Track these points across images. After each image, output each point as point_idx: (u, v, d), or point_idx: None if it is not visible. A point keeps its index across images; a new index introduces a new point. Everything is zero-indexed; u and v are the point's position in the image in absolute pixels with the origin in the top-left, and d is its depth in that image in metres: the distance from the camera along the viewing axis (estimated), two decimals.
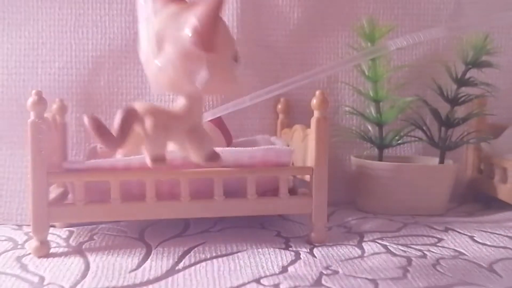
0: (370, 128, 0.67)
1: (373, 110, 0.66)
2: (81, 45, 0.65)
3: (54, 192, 0.55)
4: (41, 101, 0.46)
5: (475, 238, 0.53)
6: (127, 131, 0.40)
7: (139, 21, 0.41)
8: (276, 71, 0.70)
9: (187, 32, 0.38)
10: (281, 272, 0.43)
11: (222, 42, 0.39)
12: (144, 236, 0.54)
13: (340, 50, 0.71)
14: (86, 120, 0.39)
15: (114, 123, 0.39)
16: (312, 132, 0.50)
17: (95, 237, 0.53)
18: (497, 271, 0.43)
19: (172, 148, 0.45)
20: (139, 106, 0.41)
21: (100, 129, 0.39)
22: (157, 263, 0.45)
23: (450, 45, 0.72)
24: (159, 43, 0.39)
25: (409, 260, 0.46)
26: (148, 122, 0.40)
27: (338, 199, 0.69)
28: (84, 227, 0.56)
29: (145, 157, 0.41)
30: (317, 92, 0.50)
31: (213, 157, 0.43)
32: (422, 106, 0.68)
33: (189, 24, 0.38)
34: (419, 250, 0.49)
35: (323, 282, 0.41)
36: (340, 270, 0.44)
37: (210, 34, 0.38)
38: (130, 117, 0.40)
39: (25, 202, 0.60)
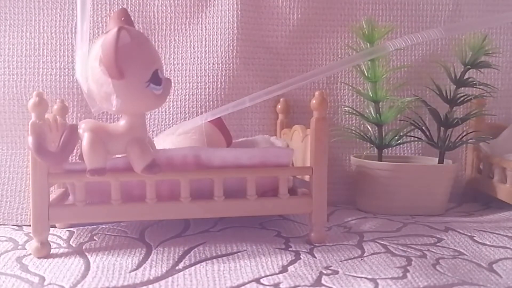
0: (369, 128, 0.68)
1: (372, 110, 0.66)
2: None
3: (54, 192, 0.55)
4: (42, 102, 0.46)
5: (474, 238, 0.53)
6: (70, 148, 0.46)
7: (76, 50, 0.46)
8: (276, 71, 0.70)
9: (96, 63, 0.43)
10: (281, 272, 0.43)
11: (131, 68, 0.43)
12: (144, 236, 0.54)
13: (340, 51, 0.71)
14: (29, 140, 0.44)
15: (59, 141, 0.45)
16: (311, 132, 0.51)
17: (95, 237, 0.53)
18: (497, 271, 0.44)
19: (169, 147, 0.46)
20: (83, 123, 0.46)
21: (40, 148, 0.44)
22: (157, 263, 0.46)
23: (449, 46, 0.72)
24: (86, 71, 0.45)
25: (409, 260, 0.46)
26: (86, 139, 0.45)
27: (338, 199, 0.69)
28: (85, 228, 0.57)
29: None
30: (317, 93, 0.51)
31: (150, 169, 0.46)
32: (421, 106, 0.68)
33: (97, 54, 0.43)
34: (419, 250, 0.49)
35: (323, 281, 0.41)
36: (340, 270, 0.44)
37: (113, 64, 0.42)
38: (73, 135, 0.46)
39: (26, 202, 0.60)
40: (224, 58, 0.66)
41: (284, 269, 0.44)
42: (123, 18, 0.45)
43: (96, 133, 0.45)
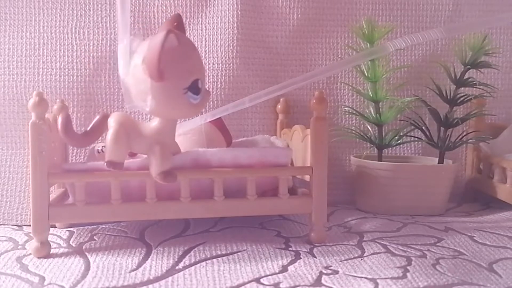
0: (369, 128, 0.68)
1: (372, 110, 0.66)
2: (82, 45, 0.65)
3: (54, 192, 0.55)
4: (42, 102, 0.46)
5: (475, 238, 0.53)
6: (96, 134, 0.47)
7: (118, 43, 0.46)
8: (275, 71, 0.70)
9: (139, 60, 0.43)
10: (281, 272, 0.43)
11: (172, 72, 0.43)
12: (144, 236, 0.54)
13: (340, 51, 0.71)
14: (59, 119, 0.46)
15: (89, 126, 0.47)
16: (311, 132, 0.51)
17: (95, 237, 0.53)
18: (497, 271, 0.44)
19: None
20: (115, 115, 0.46)
21: (67, 128, 0.46)
22: (158, 262, 0.46)
23: (449, 46, 0.72)
24: (128, 65, 0.45)
25: (409, 260, 0.46)
26: (112, 130, 0.45)
27: (338, 199, 0.69)
28: (85, 228, 0.57)
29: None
30: (316, 93, 0.51)
31: (165, 176, 0.46)
32: (421, 106, 0.68)
33: (142, 53, 0.43)
34: (419, 250, 0.49)
35: (323, 281, 0.41)
36: (340, 270, 0.44)
37: (156, 64, 0.42)
38: (102, 123, 0.46)
39: (26, 202, 0.60)
40: (224, 58, 0.67)
41: (284, 269, 0.44)
42: (175, 23, 0.45)
43: (123, 127, 0.45)
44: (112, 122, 0.46)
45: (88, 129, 0.47)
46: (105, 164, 0.46)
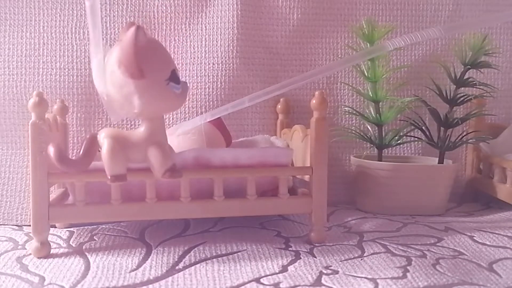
0: (369, 128, 0.68)
1: (372, 110, 0.66)
2: (82, 46, 0.65)
3: (54, 192, 0.55)
4: (42, 102, 0.46)
5: (474, 238, 0.53)
6: (91, 156, 0.46)
7: (91, 59, 0.45)
8: (275, 71, 0.70)
9: (115, 66, 0.43)
10: (281, 272, 0.43)
11: (150, 67, 0.43)
12: (144, 236, 0.54)
13: (340, 51, 0.71)
14: (50, 149, 0.45)
15: (80, 149, 0.46)
16: (311, 132, 0.51)
17: (95, 237, 0.53)
18: (497, 271, 0.44)
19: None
20: (103, 131, 0.46)
21: (61, 157, 0.45)
22: (157, 262, 0.46)
23: (449, 46, 0.72)
24: (104, 76, 0.44)
25: (409, 259, 0.46)
26: (105, 146, 0.45)
27: (338, 199, 0.69)
28: (85, 228, 0.57)
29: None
30: (317, 93, 0.51)
31: (171, 173, 0.45)
32: (421, 106, 0.68)
33: (116, 57, 0.43)
34: (419, 250, 0.49)
35: (323, 281, 0.41)
36: (340, 270, 0.44)
37: (133, 63, 0.42)
38: (93, 143, 0.46)
39: (26, 202, 0.60)
40: (224, 58, 0.67)
41: (284, 269, 0.44)
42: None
43: (116, 140, 0.45)
44: (103, 139, 0.45)
45: (81, 153, 0.46)
46: (108, 181, 0.45)
